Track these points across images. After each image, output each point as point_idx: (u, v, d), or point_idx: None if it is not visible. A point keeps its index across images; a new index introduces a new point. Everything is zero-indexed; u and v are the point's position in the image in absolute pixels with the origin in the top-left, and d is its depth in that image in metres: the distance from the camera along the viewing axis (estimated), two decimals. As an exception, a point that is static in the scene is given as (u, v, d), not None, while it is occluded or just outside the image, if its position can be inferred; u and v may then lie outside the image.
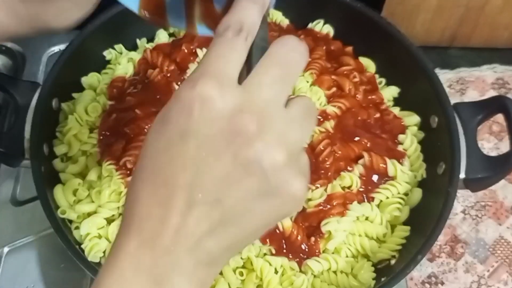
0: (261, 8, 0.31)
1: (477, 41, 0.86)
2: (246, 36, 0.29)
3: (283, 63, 0.29)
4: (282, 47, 0.30)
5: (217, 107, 0.27)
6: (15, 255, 0.67)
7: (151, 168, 0.28)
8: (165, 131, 0.28)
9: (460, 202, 0.74)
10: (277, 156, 0.28)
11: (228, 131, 0.27)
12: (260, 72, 0.29)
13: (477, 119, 0.61)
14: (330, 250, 0.58)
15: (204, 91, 0.27)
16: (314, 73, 0.67)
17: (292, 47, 0.30)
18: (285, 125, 0.29)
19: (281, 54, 0.30)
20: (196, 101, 0.27)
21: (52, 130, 0.65)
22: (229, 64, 0.28)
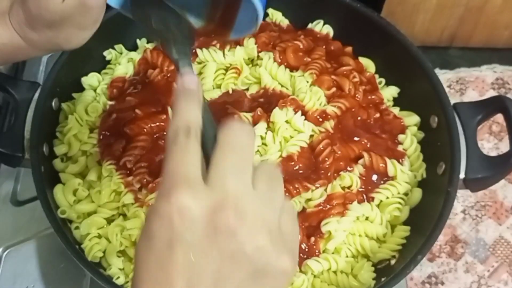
0: (198, 103, 0.33)
1: (477, 41, 0.86)
2: (195, 134, 0.32)
3: (235, 149, 0.31)
4: (228, 134, 0.32)
5: (194, 213, 0.29)
6: (15, 255, 0.67)
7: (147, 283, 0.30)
8: (152, 246, 0.30)
9: (460, 202, 0.74)
10: (259, 239, 0.30)
11: (209, 231, 0.29)
12: (218, 165, 0.31)
13: (476, 119, 0.61)
14: (330, 250, 0.58)
15: (178, 202, 0.29)
16: (314, 73, 0.67)
17: (238, 132, 0.32)
18: (258, 205, 0.30)
19: (230, 141, 0.32)
20: (174, 213, 0.29)
21: (52, 130, 0.65)
22: (192, 167, 0.31)
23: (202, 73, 0.68)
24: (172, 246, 0.29)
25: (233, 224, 0.29)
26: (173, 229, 0.29)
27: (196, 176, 0.30)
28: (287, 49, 0.69)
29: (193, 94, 0.33)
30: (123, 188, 0.59)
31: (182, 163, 0.31)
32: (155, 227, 0.30)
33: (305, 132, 0.63)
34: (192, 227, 0.29)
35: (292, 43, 0.70)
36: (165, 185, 0.30)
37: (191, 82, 0.34)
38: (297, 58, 0.69)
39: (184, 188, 0.30)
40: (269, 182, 0.32)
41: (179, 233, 0.29)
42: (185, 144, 0.31)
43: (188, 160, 0.31)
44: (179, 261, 0.29)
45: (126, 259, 0.58)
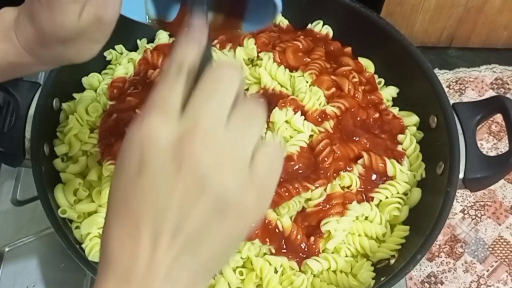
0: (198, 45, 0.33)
1: (476, 41, 0.86)
2: (186, 71, 0.32)
3: (216, 84, 0.31)
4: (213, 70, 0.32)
5: (162, 139, 0.29)
6: (15, 255, 0.67)
7: (117, 207, 0.31)
8: (122, 172, 0.31)
9: (459, 202, 0.74)
10: (223, 173, 0.30)
11: (175, 158, 0.29)
12: (196, 97, 0.31)
13: (476, 119, 0.61)
14: (329, 250, 0.59)
15: (148, 127, 0.30)
16: (314, 73, 0.67)
17: (224, 69, 0.32)
18: (228, 139, 0.30)
19: (213, 77, 0.32)
20: (144, 138, 0.30)
21: (53, 130, 0.65)
22: (171, 99, 0.31)
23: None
24: (140, 172, 0.29)
25: (198, 154, 0.29)
26: (142, 155, 0.29)
27: (174, 107, 0.31)
28: (286, 50, 0.70)
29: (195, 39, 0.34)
30: (123, 188, 0.59)
31: (163, 94, 0.31)
32: (126, 154, 0.30)
33: (304, 132, 0.63)
34: (159, 153, 0.29)
35: (291, 44, 0.70)
36: (142, 113, 0.31)
37: (196, 30, 0.34)
38: (296, 58, 0.70)
39: (157, 115, 0.30)
40: (247, 119, 0.32)
41: (147, 160, 0.29)
42: (172, 79, 0.32)
43: (170, 92, 0.31)
44: (146, 187, 0.29)
45: (127, 259, 0.58)
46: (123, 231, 0.30)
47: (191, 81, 0.32)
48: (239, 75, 0.32)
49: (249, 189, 0.30)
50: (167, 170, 0.29)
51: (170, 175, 0.29)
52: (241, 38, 0.70)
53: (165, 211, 0.29)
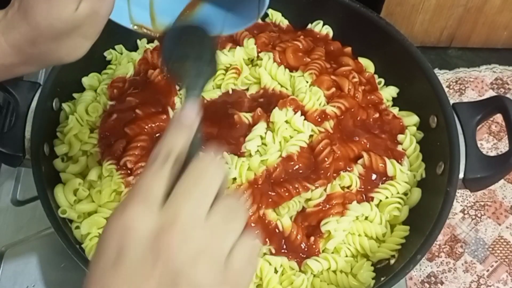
0: (188, 134, 0.34)
1: (476, 41, 0.86)
2: (172, 161, 0.33)
3: (198, 180, 0.32)
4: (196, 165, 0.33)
5: (141, 230, 0.30)
6: (15, 255, 0.67)
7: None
8: (99, 259, 0.31)
9: (459, 202, 0.74)
10: (198, 269, 0.30)
11: (152, 251, 0.30)
12: (178, 191, 0.32)
13: (476, 119, 0.61)
14: (329, 250, 0.59)
15: (129, 216, 0.30)
16: (314, 73, 0.67)
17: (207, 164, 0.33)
18: (206, 235, 0.31)
19: (195, 172, 0.33)
20: (123, 227, 0.30)
21: (53, 130, 0.65)
22: (155, 189, 0.31)
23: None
24: (117, 264, 0.30)
25: (174, 249, 0.29)
26: (120, 244, 0.30)
27: (156, 198, 0.31)
28: (286, 50, 0.70)
29: (185, 128, 0.34)
30: (123, 188, 0.60)
31: (147, 184, 0.32)
32: (106, 239, 0.31)
33: (304, 132, 0.63)
34: (137, 244, 0.30)
35: (291, 44, 0.70)
36: (126, 198, 0.31)
37: (187, 118, 0.35)
38: (296, 58, 0.70)
39: (139, 205, 0.31)
40: (226, 216, 0.32)
41: (124, 250, 0.30)
42: (158, 168, 0.32)
43: (154, 183, 0.32)
44: (120, 282, 0.30)
45: (127, 259, 0.58)
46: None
47: (178, 168, 0.33)
48: (222, 171, 0.33)
49: (222, 284, 0.31)
50: (144, 262, 0.30)
51: (146, 268, 0.29)
52: None
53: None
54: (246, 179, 0.59)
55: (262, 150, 0.62)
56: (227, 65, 0.69)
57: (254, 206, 0.58)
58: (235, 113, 0.64)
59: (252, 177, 0.59)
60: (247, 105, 0.66)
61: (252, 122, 0.63)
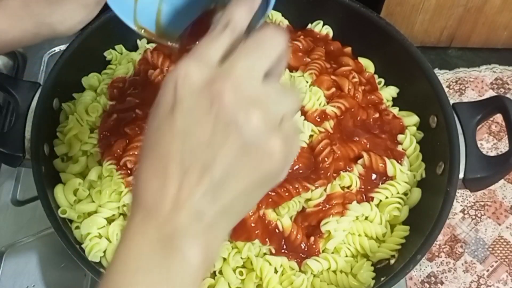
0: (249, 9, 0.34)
1: (476, 41, 0.86)
2: (232, 29, 0.33)
3: (259, 46, 0.32)
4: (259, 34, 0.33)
5: (196, 79, 0.31)
6: (15, 255, 0.68)
7: (149, 146, 0.32)
8: (157, 112, 0.32)
9: (459, 202, 0.74)
10: (251, 117, 0.30)
11: (206, 99, 0.30)
12: (237, 54, 0.32)
13: (476, 119, 0.61)
14: (329, 250, 0.59)
15: (184, 69, 0.31)
16: (314, 74, 0.67)
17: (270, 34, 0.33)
18: (260, 92, 0.31)
19: (257, 39, 0.33)
20: (178, 79, 0.31)
21: (53, 130, 0.65)
22: (211, 50, 0.32)
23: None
24: (172, 111, 0.31)
25: (227, 96, 0.30)
26: (176, 95, 0.31)
27: (212, 58, 0.32)
28: (286, 50, 0.70)
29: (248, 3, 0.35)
30: (123, 188, 0.60)
31: (205, 46, 0.32)
32: (163, 91, 0.31)
33: (304, 132, 0.63)
34: (191, 93, 0.30)
35: (291, 44, 0.70)
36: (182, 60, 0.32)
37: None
38: (296, 58, 0.70)
39: (193, 61, 0.31)
40: (284, 88, 0.32)
41: (179, 98, 0.30)
42: (217, 34, 0.33)
43: (212, 45, 0.32)
44: (176, 126, 0.30)
45: (127, 259, 0.58)
46: (152, 170, 0.31)
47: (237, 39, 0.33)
48: (284, 42, 0.33)
49: (276, 137, 0.31)
50: (199, 109, 0.30)
51: (200, 114, 0.30)
52: None
53: (193, 149, 0.30)
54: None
55: (262, 150, 0.62)
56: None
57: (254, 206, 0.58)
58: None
59: (252, 177, 0.59)
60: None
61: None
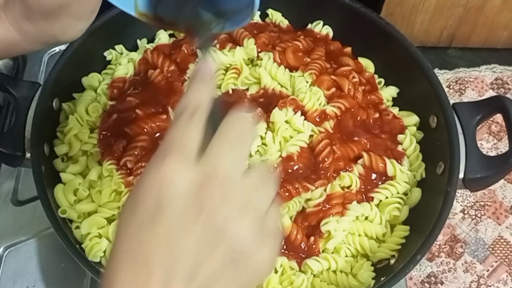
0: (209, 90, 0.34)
1: (476, 41, 0.86)
2: (200, 115, 0.32)
3: (233, 137, 0.32)
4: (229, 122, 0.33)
5: (181, 184, 0.29)
6: (15, 255, 0.67)
7: (126, 252, 0.30)
8: (135, 213, 0.30)
9: (459, 202, 0.74)
10: (242, 224, 0.30)
11: (194, 207, 0.29)
12: (214, 147, 0.31)
13: (476, 119, 0.61)
14: (329, 250, 0.59)
15: (169, 170, 0.29)
16: (314, 74, 0.67)
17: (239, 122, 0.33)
18: (245, 191, 0.31)
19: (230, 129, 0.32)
20: (162, 181, 0.29)
21: (53, 130, 0.65)
22: (189, 141, 0.31)
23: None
24: (156, 217, 0.29)
25: (218, 202, 0.29)
26: (159, 200, 0.29)
27: (192, 149, 0.31)
28: (286, 50, 0.70)
29: (207, 80, 0.34)
30: (123, 188, 0.60)
31: (181, 135, 0.31)
32: (143, 193, 0.30)
33: (304, 132, 0.63)
34: (178, 198, 0.29)
35: (292, 44, 0.70)
36: (160, 152, 0.30)
37: (207, 70, 0.35)
38: (296, 58, 0.70)
39: (177, 157, 0.30)
40: (263, 178, 0.32)
41: (164, 204, 0.29)
42: (188, 121, 0.32)
43: (187, 134, 0.31)
44: (160, 234, 0.29)
45: (127, 259, 0.58)
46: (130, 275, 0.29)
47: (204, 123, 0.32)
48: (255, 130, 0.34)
49: (265, 244, 0.31)
50: (186, 216, 0.29)
51: (188, 222, 0.29)
52: None
53: (180, 256, 0.29)
54: (246, 179, 0.59)
55: (262, 150, 0.62)
56: (227, 65, 0.69)
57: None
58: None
59: (252, 177, 0.59)
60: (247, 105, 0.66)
61: (252, 122, 0.63)
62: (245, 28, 0.71)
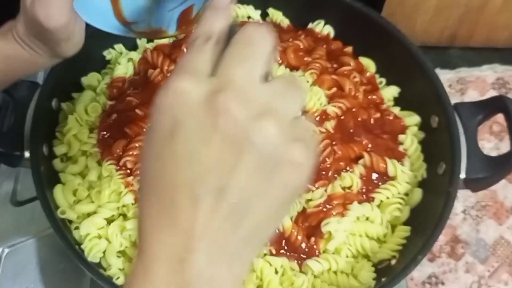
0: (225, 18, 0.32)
1: (477, 41, 0.86)
2: (215, 41, 0.30)
3: (247, 44, 0.29)
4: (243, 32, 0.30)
5: (193, 96, 0.27)
6: (15, 255, 0.67)
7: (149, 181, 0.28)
8: (153, 138, 0.28)
9: (460, 202, 0.74)
10: (265, 127, 0.27)
11: (209, 115, 0.27)
12: (227, 57, 0.29)
13: (477, 119, 0.61)
14: (330, 251, 0.58)
15: (178, 86, 0.28)
16: (315, 73, 0.67)
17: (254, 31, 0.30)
18: (266, 96, 0.28)
19: (243, 38, 0.30)
20: (174, 99, 0.28)
21: (52, 130, 0.65)
22: (201, 64, 0.29)
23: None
24: (172, 135, 0.27)
25: (234, 107, 0.27)
26: (174, 117, 0.27)
27: (203, 71, 0.29)
28: (287, 49, 0.69)
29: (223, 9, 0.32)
30: (123, 188, 0.59)
31: (192, 59, 0.29)
32: (157, 118, 0.28)
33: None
34: (192, 112, 0.27)
35: (292, 43, 0.70)
36: (170, 78, 0.29)
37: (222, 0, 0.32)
38: (297, 58, 0.69)
39: (186, 76, 0.28)
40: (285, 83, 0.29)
41: (179, 120, 0.27)
42: (201, 47, 0.30)
43: (199, 58, 0.29)
44: (179, 151, 0.27)
45: (126, 260, 0.58)
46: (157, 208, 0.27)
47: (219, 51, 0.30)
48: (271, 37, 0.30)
49: (296, 144, 0.28)
50: (202, 128, 0.27)
51: (205, 133, 0.27)
52: None
53: (203, 173, 0.27)
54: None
55: (262, 150, 0.62)
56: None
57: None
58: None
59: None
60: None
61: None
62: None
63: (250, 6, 0.75)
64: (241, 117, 0.27)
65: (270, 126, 0.27)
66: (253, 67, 0.29)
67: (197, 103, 0.27)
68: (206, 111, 0.27)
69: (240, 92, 0.27)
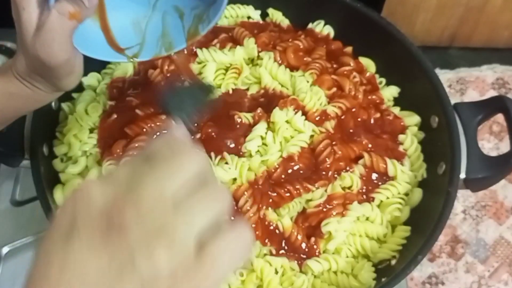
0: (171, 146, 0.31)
1: (477, 41, 0.86)
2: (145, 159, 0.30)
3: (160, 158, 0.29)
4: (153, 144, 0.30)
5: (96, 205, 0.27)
6: (15, 255, 0.67)
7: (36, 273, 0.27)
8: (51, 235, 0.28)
9: (460, 202, 0.74)
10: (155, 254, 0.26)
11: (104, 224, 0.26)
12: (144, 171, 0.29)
13: (477, 119, 0.61)
14: (330, 251, 0.58)
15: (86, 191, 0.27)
16: (314, 73, 0.67)
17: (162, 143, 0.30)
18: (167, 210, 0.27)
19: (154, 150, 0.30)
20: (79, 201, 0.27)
21: (52, 130, 0.65)
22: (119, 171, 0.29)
23: (202, 73, 0.68)
24: (68, 239, 0.27)
25: (129, 226, 0.26)
26: (73, 220, 0.27)
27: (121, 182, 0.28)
28: (287, 49, 0.69)
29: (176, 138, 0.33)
30: (123, 188, 0.59)
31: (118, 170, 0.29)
32: (59, 216, 0.28)
33: (305, 132, 0.63)
34: (90, 219, 0.27)
35: (292, 43, 0.70)
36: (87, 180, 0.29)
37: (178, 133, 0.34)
38: (297, 58, 0.69)
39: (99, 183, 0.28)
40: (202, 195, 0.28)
41: (76, 226, 0.27)
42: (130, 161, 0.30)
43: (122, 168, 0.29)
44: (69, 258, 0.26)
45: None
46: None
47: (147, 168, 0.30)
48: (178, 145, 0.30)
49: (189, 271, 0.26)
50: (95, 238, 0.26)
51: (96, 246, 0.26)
52: None
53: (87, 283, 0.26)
54: (247, 179, 0.59)
55: (262, 150, 0.62)
56: (227, 65, 0.69)
57: (255, 207, 0.58)
58: (235, 113, 0.64)
59: (252, 178, 0.59)
60: (247, 105, 0.66)
61: (253, 122, 0.63)
62: (246, 28, 0.71)
63: (250, 6, 0.75)
64: (133, 236, 0.26)
65: (162, 254, 0.26)
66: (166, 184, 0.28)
67: (98, 212, 0.27)
68: (103, 220, 0.26)
69: (139, 205, 0.27)
